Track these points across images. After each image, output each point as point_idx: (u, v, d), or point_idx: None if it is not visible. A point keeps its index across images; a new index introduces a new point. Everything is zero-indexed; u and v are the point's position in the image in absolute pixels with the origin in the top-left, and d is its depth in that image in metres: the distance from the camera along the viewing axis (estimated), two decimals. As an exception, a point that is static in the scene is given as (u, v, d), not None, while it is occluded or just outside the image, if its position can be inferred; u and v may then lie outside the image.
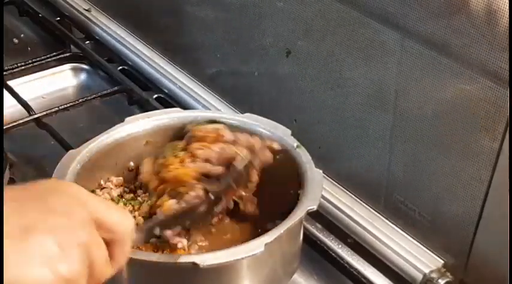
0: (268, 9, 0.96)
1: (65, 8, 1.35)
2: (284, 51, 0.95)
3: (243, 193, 0.80)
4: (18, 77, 1.18)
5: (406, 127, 0.83)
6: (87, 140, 0.83)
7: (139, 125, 0.87)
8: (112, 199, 0.83)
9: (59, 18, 1.33)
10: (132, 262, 0.70)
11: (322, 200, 0.84)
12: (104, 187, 0.85)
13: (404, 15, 0.77)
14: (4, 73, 1.15)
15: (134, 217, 0.80)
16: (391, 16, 0.78)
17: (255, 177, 0.81)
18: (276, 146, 0.82)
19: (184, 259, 0.70)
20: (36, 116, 1.07)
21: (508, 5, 0.67)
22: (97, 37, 1.29)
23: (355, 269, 0.87)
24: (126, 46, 1.24)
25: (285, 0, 0.92)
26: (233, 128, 0.85)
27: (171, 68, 1.18)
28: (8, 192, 0.51)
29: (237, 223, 0.82)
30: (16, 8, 1.35)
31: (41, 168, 1.03)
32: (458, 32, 0.72)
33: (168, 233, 0.74)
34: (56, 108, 1.09)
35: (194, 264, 0.68)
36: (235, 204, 0.81)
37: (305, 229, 0.85)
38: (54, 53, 1.24)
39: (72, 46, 1.27)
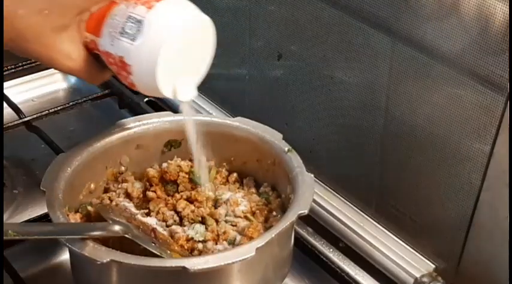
0: (259, 13, 0.95)
1: (55, 11, 1.34)
2: (275, 54, 0.95)
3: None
4: (9, 80, 1.17)
5: (398, 131, 0.83)
6: (77, 143, 0.83)
7: (130, 129, 0.86)
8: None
9: (49, 21, 1.32)
10: (121, 266, 0.70)
11: (313, 204, 0.84)
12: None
13: (396, 19, 0.77)
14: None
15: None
16: (382, 20, 0.79)
17: None
18: None
19: (174, 263, 0.70)
20: (26, 119, 1.07)
21: (502, 8, 0.67)
22: (88, 40, 1.28)
23: (347, 274, 0.87)
24: (117, 49, 1.24)
25: (277, 3, 0.92)
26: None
27: (161, 71, 1.18)
28: None
29: None
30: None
31: (31, 171, 1.03)
32: (449, 36, 0.72)
33: None
34: (46, 111, 1.08)
35: (184, 268, 0.68)
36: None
37: (296, 233, 0.85)
38: (45, 56, 1.23)
39: (62, 49, 1.27)
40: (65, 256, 0.83)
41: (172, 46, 0.69)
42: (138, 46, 0.68)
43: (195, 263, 0.68)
